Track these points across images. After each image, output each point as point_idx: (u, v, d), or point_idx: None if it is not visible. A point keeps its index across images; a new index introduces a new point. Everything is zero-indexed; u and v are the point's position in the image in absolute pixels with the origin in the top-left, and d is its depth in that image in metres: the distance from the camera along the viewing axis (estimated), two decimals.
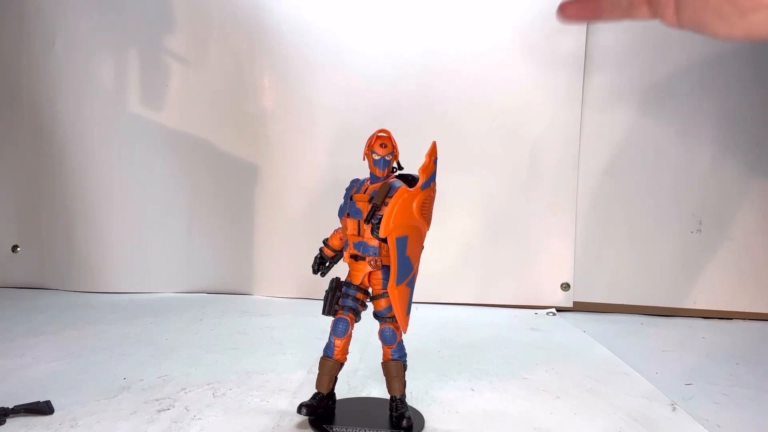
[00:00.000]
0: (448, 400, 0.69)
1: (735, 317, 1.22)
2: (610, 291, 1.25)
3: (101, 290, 1.27)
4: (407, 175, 0.62)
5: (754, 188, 1.23)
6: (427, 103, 1.24)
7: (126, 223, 1.28)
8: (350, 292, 0.61)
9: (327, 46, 1.23)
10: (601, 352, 0.93)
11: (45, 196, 1.30)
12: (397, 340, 0.61)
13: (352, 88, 1.24)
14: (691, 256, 1.24)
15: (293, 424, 0.61)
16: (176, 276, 1.29)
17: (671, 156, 1.23)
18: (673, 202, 1.24)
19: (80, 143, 1.26)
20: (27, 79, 1.27)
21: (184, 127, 1.27)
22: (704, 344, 1.03)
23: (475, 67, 1.23)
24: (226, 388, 0.70)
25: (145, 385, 0.71)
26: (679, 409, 0.68)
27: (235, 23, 1.25)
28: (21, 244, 1.33)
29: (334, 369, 0.62)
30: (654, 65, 1.22)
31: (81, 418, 0.61)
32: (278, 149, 1.27)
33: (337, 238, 0.64)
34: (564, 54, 1.21)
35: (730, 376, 0.84)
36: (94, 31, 1.25)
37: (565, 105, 1.22)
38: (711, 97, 1.22)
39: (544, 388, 0.74)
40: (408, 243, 0.58)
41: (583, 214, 1.25)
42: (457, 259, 1.25)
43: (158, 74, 1.26)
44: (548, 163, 1.24)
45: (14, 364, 0.78)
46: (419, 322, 1.04)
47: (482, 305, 1.25)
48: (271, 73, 1.26)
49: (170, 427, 0.59)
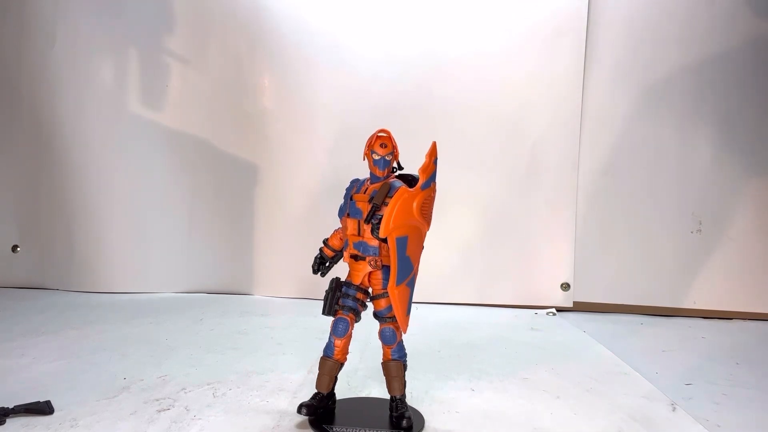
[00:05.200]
0: (448, 400, 0.69)
1: (735, 317, 1.22)
2: (610, 291, 1.25)
3: (101, 290, 1.27)
4: (407, 175, 0.62)
5: (754, 188, 1.23)
6: (427, 103, 1.23)
7: (126, 223, 1.28)
8: (350, 292, 0.61)
9: (327, 47, 1.23)
10: (601, 352, 0.93)
11: (45, 196, 1.30)
12: (397, 340, 0.61)
13: (352, 88, 1.24)
14: (691, 256, 1.24)
15: (293, 424, 0.61)
16: (176, 276, 1.29)
17: (671, 156, 1.23)
18: (673, 202, 1.24)
19: (80, 143, 1.26)
20: (27, 79, 1.27)
21: (184, 127, 1.27)
22: (704, 344, 1.03)
23: (475, 67, 1.23)
24: (226, 388, 0.70)
25: (145, 385, 0.71)
26: (679, 409, 0.68)
27: (235, 23, 1.25)
28: (21, 244, 1.33)
29: (334, 369, 0.62)
30: (654, 65, 1.22)
31: (81, 418, 0.61)
32: (278, 149, 1.27)
33: (337, 238, 0.64)
34: (563, 54, 1.21)
35: (730, 376, 0.84)
36: (94, 31, 1.25)
37: (564, 105, 1.22)
38: (711, 96, 1.22)
39: (544, 388, 0.74)
40: (408, 243, 0.58)
41: (583, 214, 1.25)
42: (457, 259, 1.25)
43: (158, 74, 1.26)
44: (548, 163, 1.24)
45: (14, 364, 0.78)
46: (419, 322, 1.04)
47: (482, 305, 1.25)
48: (271, 73, 1.26)
49: (170, 427, 0.59)
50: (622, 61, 1.22)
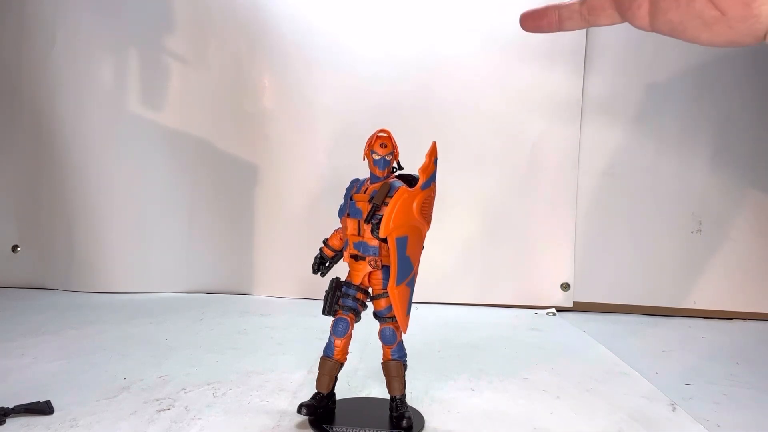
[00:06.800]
0: (448, 400, 0.69)
1: (735, 317, 1.22)
2: (610, 291, 1.25)
3: (101, 290, 1.27)
4: (407, 175, 0.62)
5: (754, 188, 1.23)
6: (428, 103, 1.24)
7: (126, 223, 1.28)
8: (350, 292, 0.61)
9: (327, 47, 1.23)
10: (601, 352, 0.93)
11: (45, 196, 1.30)
12: (397, 340, 0.61)
13: (352, 88, 1.24)
14: (691, 256, 1.24)
15: (293, 424, 0.61)
16: (176, 276, 1.29)
17: (671, 156, 1.23)
18: (673, 202, 1.24)
19: (80, 143, 1.26)
20: (27, 79, 1.27)
21: (184, 127, 1.27)
22: (704, 344, 1.03)
23: (475, 67, 1.23)
24: (226, 388, 0.70)
25: (145, 385, 0.71)
26: (679, 409, 0.68)
27: (235, 23, 1.25)
28: (21, 244, 1.33)
29: (334, 369, 0.62)
30: (654, 65, 1.22)
31: (81, 418, 0.61)
32: (278, 149, 1.27)
33: (337, 238, 0.64)
34: (564, 54, 1.21)
35: (730, 376, 0.84)
36: (94, 31, 1.25)
37: (565, 105, 1.22)
38: (711, 97, 1.22)
39: (544, 388, 0.74)
40: (408, 243, 0.58)
41: (583, 214, 1.25)
42: (457, 259, 1.25)
43: (158, 74, 1.26)
44: (548, 163, 1.24)
45: (14, 364, 0.78)
46: (419, 322, 1.04)
47: (482, 305, 1.25)
48: (271, 73, 1.26)
49: (170, 427, 0.59)
50: (623, 61, 1.22)
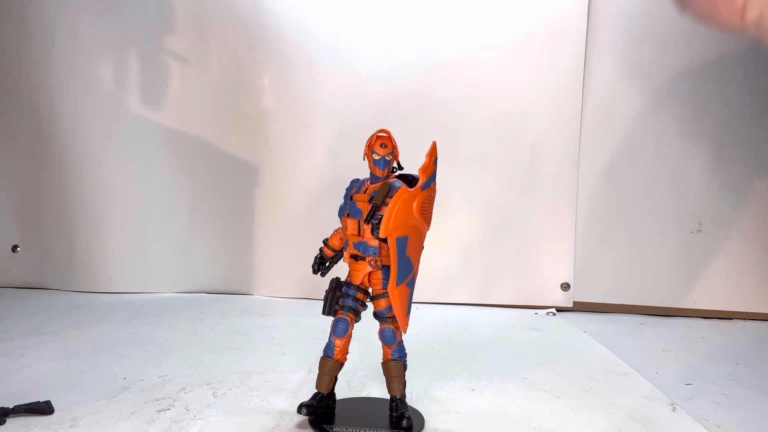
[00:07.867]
0: (448, 400, 0.69)
1: (735, 317, 1.22)
2: (610, 291, 1.25)
3: (101, 290, 1.27)
4: (407, 175, 0.62)
5: (754, 188, 1.23)
6: (427, 103, 1.24)
7: (126, 223, 1.28)
8: (350, 292, 0.61)
9: (327, 46, 1.23)
10: (601, 352, 0.93)
11: (45, 196, 1.30)
12: (397, 340, 0.61)
13: (352, 88, 1.24)
14: (691, 256, 1.24)
15: (293, 424, 0.61)
16: (176, 276, 1.29)
17: (671, 156, 1.23)
18: (673, 202, 1.24)
19: (80, 143, 1.26)
20: (27, 79, 1.27)
21: (184, 127, 1.27)
22: (704, 344, 1.03)
23: (475, 67, 1.23)
24: (226, 388, 0.70)
25: (145, 385, 0.71)
26: (679, 409, 0.68)
27: (235, 23, 1.25)
28: (21, 244, 1.33)
29: (334, 369, 0.62)
30: (654, 65, 1.22)
31: (81, 418, 0.61)
32: (278, 149, 1.27)
33: (337, 238, 0.64)
34: (564, 54, 1.21)
35: (730, 376, 0.84)
36: (94, 31, 1.25)
37: (565, 105, 1.22)
38: (710, 97, 1.22)
39: (544, 388, 0.74)
40: (408, 243, 0.58)
41: (583, 214, 1.25)
42: (457, 259, 1.25)
43: (158, 74, 1.26)
44: (548, 163, 1.24)
45: (14, 364, 0.78)
46: (419, 322, 1.04)
47: (482, 305, 1.25)
48: (271, 73, 1.26)
49: (170, 427, 0.59)
50: (623, 61, 1.22)
